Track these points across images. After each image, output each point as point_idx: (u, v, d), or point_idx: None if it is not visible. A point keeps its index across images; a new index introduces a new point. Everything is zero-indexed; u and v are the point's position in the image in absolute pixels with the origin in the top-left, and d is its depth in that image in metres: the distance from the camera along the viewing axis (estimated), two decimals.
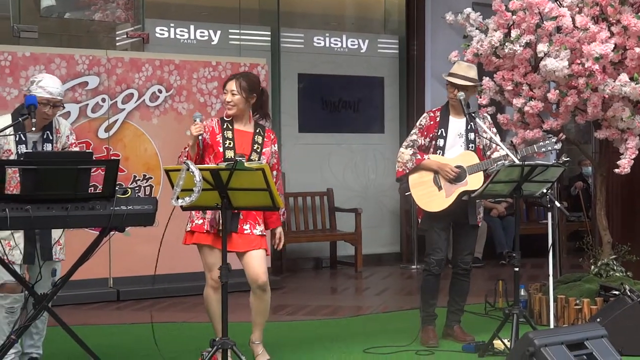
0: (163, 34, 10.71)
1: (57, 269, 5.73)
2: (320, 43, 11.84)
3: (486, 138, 6.70)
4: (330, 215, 11.58)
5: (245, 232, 5.88)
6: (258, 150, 5.97)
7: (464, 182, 6.63)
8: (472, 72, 6.78)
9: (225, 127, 5.98)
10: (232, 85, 5.95)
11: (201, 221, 5.84)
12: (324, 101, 11.84)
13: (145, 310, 8.49)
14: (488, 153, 6.77)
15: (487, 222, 11.78)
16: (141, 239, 8.77)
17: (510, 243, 11.73)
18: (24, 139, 5.54)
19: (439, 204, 6.66)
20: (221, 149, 5.87)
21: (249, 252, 5.88)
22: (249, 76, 6.10)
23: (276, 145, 6.16)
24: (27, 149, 5.55)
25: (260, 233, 5.93)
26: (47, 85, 5.57)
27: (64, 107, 5.98)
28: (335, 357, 6.42)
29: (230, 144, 5.90)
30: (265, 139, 6.05)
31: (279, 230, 6.09)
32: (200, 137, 5.83)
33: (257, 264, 5.87)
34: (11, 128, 5.49)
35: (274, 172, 5.99)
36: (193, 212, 5.87)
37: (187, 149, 5.86)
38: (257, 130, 6.05)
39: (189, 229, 5.95)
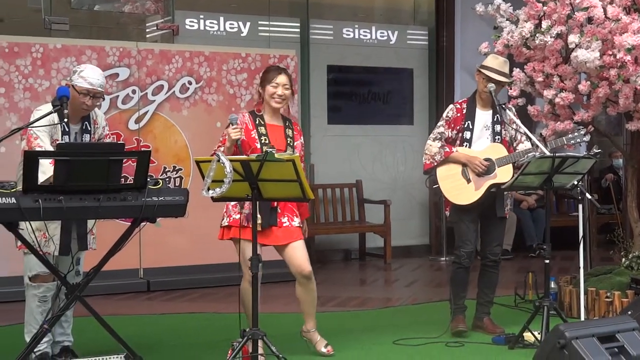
0: (193, 26, 10.74)
1: (80, 257, 5.75)
2: (349, 34, 11.82)
3: (518, 131, 6.67)
4: (360, 207, 11.58)
5: (284, 224, 5.92)
6: (291, 144, 6.01)
7: (493, 175, 6.60)
8: (507, 68, 6.74)
9: (257, 122, 5.99)
10: (285, 79, 5.98)
11: (239, 216, 5.83)
12: (353, 93, 11.83)
13: (175, 301, 8.54)
14: (514, 145, 6.74)
15: (517, 215, 11.73)
16: (171, 230, 8.83)
17: (540, 235, 11.68)
18: (67, 129, 5.57)
19: (467, 197, 6.64)
20: (258, 145, 5.89)
21: (290, 244, 5.92)
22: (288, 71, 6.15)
23: (301, 136, 6.19)
24: (69, 139, 5.58)
25: (298, 224, 5.98)
26: (88, 75, 5.55)
27: (103, 99, 5.98)
28: (365, 349, 6.42)
29: (265, 139, 5.92)
30: (295, 132, 6.10)
31: (304, 222, 6.15)
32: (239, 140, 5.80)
33: (300, 254, 5.93)
34: (55, 118, 5.50)
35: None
36: (230, 207, 5.89)
37: (221, 148, 5.83)
38: (287, 124, 6.09)
39: (225, 224, 5.94)
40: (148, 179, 5.10)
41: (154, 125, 9.15)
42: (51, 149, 5.34)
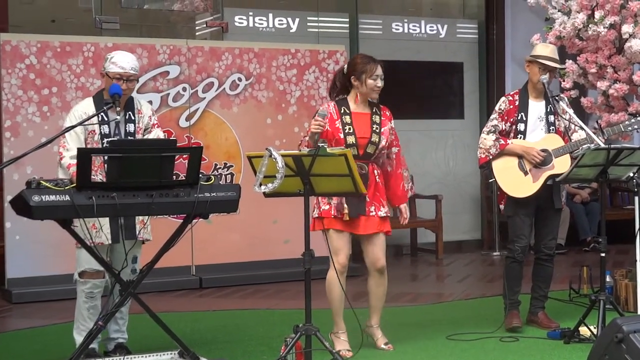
0: (242, 23, 10.75)
1: (137, 255, 5.79)
2: (398, 29, 11.76)
3: (572, 122, 6.59)
4: (411, 202, 11.50)
5: (371, 214, 5.91)
6: (377, 131, 5.97)
7: (550, 166, 6.52)
8: (556, 54, 6.67)
9: (342, 111, 5.98)
10: (380, 70, 6.02)
11: (327, 207, 5.85)
12: (403, 87, 11.75)
13: (227, 297, 8.56)
14: (569, 134, 6.66)
15: (570, 209, 11.60)
16: (223, 226, 8.86)
17: (594, 229, 11.54)
18: (106, 119, 5.62)
19: (526, 190, 6.56)
20: (342, 135, 5.88)
21: (370, 235, 5.93)
22: None
23: (392, 122, 6.14)
24: (109, 129, 5.63)
25: (384, 214, 5.96)
26: (119, 60, 5.65)
27: (138, 81, 6.03)
28: (419, 344, 6.38)
29: (349, 129, 5.91)
30: (382, 118, 6.05)
31: (404, 206, 6.12)
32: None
33: (378, 248, 5.97)
34: (92, 109, 5.63)
35: (394, 149, 6.08)
36: (319, 198, 5.88)
37: (306, 138, 5.84)
38: (374, 110, 6.06)
39: (316, 215, 5.93)
40: (200, 175, 5.11)
41: (204, 122, 9.17)
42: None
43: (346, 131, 5.90)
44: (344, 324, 6.08)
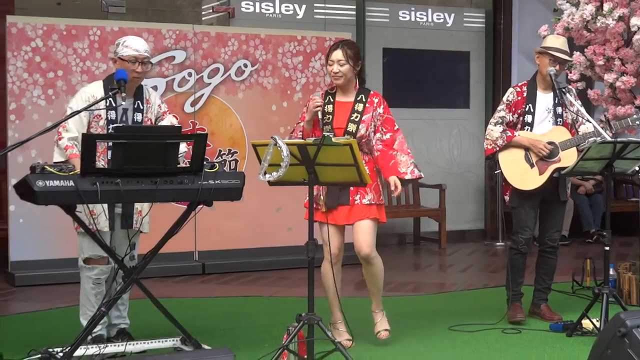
0: (248, 9, 10.71)
1: (135, 242, 5.77)
2: (405, 17, 11.72)
3: (578, 114, 6.56)
4: (414, 191, 11.51)
5: (356, 202, 5.86)
6: (356, 120, 5.87)
7: (557, 159, 6.50)
8: (566, 47, 6.64)
9: (327, 100, 5.94)
10: (339, 55, 5.85)
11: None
12: (409, 76, 11.73)
13: (230, 284, 8.56)
14: (576, 126, 6.63)
15: (574, 200, 11.58)
16: (226, 213, 8.85)
17: (598, 221, 11.53)
18: (114, 104, 5.60)
19: (532, 182, 6.54)
20: (320, 125, 5.87)
21: (356, 223, 5.87)
22: (352, 44, 6.01)
23: (382, 106, 5.96)
24: (116, 115, 5.62)
25: (368, 202, 5.89)
26: (132, 44, 5.63)
27: (152, 64, 6.04)
28: (421, 334, 6.38)
29: (329, 118, 5.87)
30: (367, 105, 5.93)
31: (392, 178, 5.90)
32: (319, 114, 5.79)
33: (361, 235, 5.86)
34: (100, 93, 5.62)
35: (385, 136, 5.93)
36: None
37: (301, 124, 5.85)
38: (359, 98, 5.94)
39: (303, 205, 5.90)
40: (204, 163, 5.10)
41: (209, 108, 9.15)
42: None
43: (324, 121, 5.87)
44: (341, 313, 6.04)
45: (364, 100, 5.94)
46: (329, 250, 5.76)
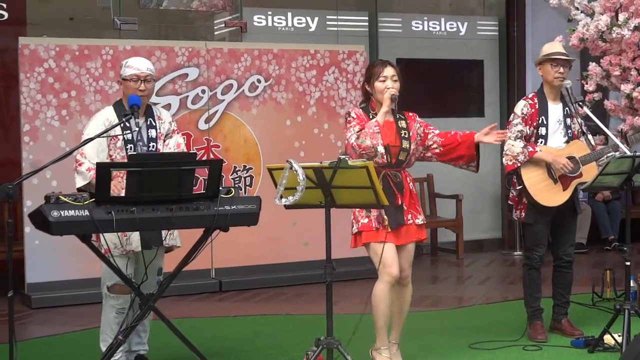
0: (261, 22, 10.70)
1: (161, 267, 5.77)
2: (418, 27, 11.68)
3: (591, 128, 6.52)
4: (431, 201, 11.46)
5: (409, 222, 5.75)
6: (407, 136, 5.81)
7: (578, 174, 6.45)
8: (563, 49, 6.62)
9: (370, 117, 5.81)
10: (392, 71, 5.78)
11: (367, 220, 5.66)
12: (423, 85, 11.68)
13: (247, 301, 8.52)
14: (582, 138, 6.58)
15: (592, 207, 11.51)
16: (242, 229, 8.67)
17: (616, 227, 11.46)
18: (128, 124, 5.61)
19: (558, 198, 6.48)
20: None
21: (402, 245, 5.75)
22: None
23: (416, 119, 5.97)
24: (132, 135, 5.63)
25: (421, 222, 5.82)
26: (133, 63, 5.77)
27: (155, 81, 6.12)
28: (441, 353, 6.33)
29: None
30: (408, 121, 5.89)
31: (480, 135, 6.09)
32: None
33: (403, 257, 5.74)
34: (112, 117, 5.71)
35: (436, 130, 6.03)
36: (357, 212, 5.71)
37: (363, 130, 5.66)
38: (397, 117, 5.85)
39: (355, 230, 5.74)
40: (220, 188, 5.07)
41: (223, 124, 9.13)
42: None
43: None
44: (387, 339, 5.85)
45: (403, 117, 5.90)
46: (392, 272, 5.64)
